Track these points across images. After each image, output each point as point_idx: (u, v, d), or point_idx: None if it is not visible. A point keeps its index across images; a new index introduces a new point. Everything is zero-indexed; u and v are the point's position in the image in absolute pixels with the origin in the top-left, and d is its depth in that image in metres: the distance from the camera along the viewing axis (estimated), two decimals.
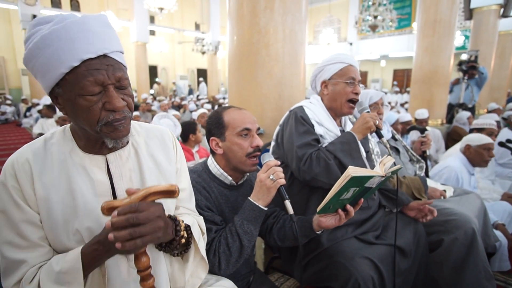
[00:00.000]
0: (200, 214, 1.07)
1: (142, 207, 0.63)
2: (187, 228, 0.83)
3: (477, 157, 2.26)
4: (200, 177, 1.15)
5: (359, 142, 1.33)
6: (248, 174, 1.25)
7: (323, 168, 1.29)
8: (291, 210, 1.02)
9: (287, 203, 1.02)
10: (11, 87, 13.40)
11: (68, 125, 0.81)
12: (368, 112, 1.40)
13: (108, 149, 0.78)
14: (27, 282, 0.70)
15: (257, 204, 1.06)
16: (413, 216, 1.51)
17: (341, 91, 1.44)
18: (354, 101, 1.44)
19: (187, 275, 0.86)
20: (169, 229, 0.72)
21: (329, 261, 1.29)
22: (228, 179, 1.18)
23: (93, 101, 0.68)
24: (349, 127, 1.53)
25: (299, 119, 1.40)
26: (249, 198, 1.08)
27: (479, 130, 2.83)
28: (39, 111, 7.05)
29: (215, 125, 1.15)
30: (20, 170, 0.72)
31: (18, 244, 0.71)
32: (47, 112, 5.34)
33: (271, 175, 1.03)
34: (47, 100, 7.67)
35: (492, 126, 2.82)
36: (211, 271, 1.08)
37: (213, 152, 1.20)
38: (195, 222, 0.90)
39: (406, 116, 3.39)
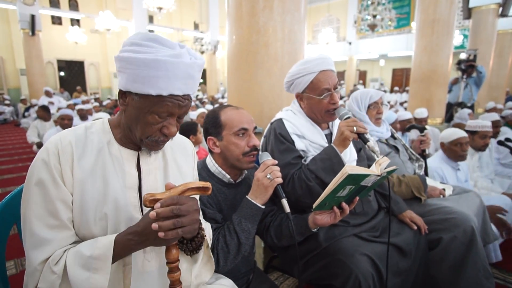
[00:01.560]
0: (202, 210, 1.10)
1: (182, 200, 0.70)
2: (203, 229, 0.88)
3: (452, 154, 2.29)
4: (200, 175, 1.17)
5: (341, 156, 1.23)
6: (246, 172, 1.27)
7: (305, 190, 1.24)
8: (287, 208, 1.04)
9: (284, 201, 1.04)
10: (9, 87, 13.37)
11: (106, 118, 0.87)
12: (348, 117, 1.26)
13: (140, 147, 0.85)
14: (53, 263, 0.71)
15: (254, 202, 1.07)
16: (407, 222, 1.51)
17: (317, 105, 1.33)
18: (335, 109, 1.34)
19: (194, 275, 0.88)
20: (199, 224, 0.76)
21: (329, 259, 1.29)
22: (226, 177, 1.19)
23: (157, 122, 0.76)
24: (337, 126, 1.41)
25: (278, 136, 1.33)
26: (246, 196, 1.09)
27: (472, 132, 2.79)
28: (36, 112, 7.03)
29: (212, 125, 1.16)
30: (64, 151, 0.75)
31: (49, 222, 0.74)
32: (44, 114, 5.24)
33: (268, 174, 1.05)
34: (44, 101, 7.67)
35: (486, 129, 2.76)
36: None
37: (211, 151, 1.21)
38: (208, 226, 0.96)
39: (406, 114, 3.38)
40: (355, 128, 1.19)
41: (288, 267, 1.50)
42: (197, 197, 1.01)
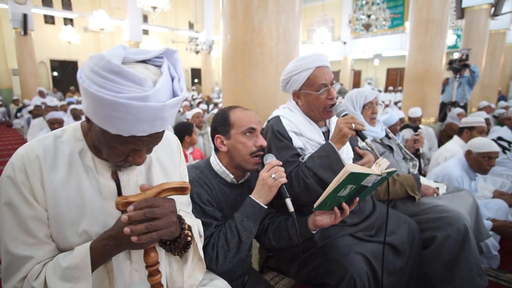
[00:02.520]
0: (202, 208, 1.10)
1: (157, 202, 0.66)
2: (189, 227, 0.84)
3: (476, 165, 2.16)
4: (203, 173, 1.17)
5: (339, 153, 1.23)
6: (249, 174, 1.27)
7: (303, 188, 1.24)
8: (291, 208, 1.05)
9: (288, 201, 1.05)
10: (1, 87, 13.19)
11: (79, 123, 0.80)
12: (345, 114, 1.27)
13: None
14: (32, 278, 0.68)
15: (258, 201, 1.08)
16: None
17: (315, 102, 1.33)
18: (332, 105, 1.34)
19: (185, 275, 0.86)
20: (177, 225, 0.73)
21: (324, 258, 1.30)
22: (229, 176, 1.19)
23: (121, 153, 0.70)
24: (334, 123, 1.43)
25: (276, 133, 1.34)
26: (250, 195, 1.10)
27: (470, 128, 2.84)
28: (29, 112, 6.94)
29: (221, 123, 1.17)
30: (31, 166, 0.70)
31: (25, 240, 0.70)
32: (40, 111, 5.12)
33: (273, 174, 1.06)
34: (37, 100, 7.58)
35: (482, 124, 2.82)
36: (208, 266, 1.09)
37: (216, 150, 1.21)
38: (195, 224, 0.91)
39: (398, 114, 3.40)
40: (353, 125, 1.19)
41: (283, 267, 1.50)
42: (186, 196, 0.98)
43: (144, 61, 0.66)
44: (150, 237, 0.64)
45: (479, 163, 2.14)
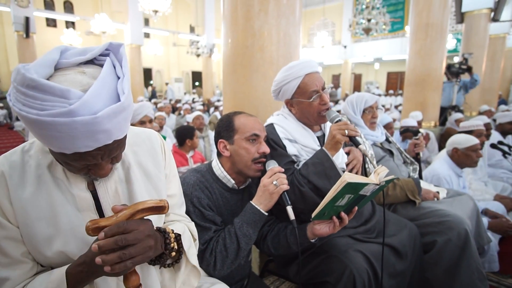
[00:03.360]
0: (201, 212, 1.08)
1: (130, 227, 0.60)
2: (178, 238, 0.79)
3: (466, 160, 2.25)
4: (204, 177, 1.17)
5: (333, 160, 1.21)
6: (249, 180, 1.27)
7: (298, 196, 1.22)
8: (292, 216, 1.04)
9: (289, 209, 1.05)
10: (3, 90, 13.23)
11: None
12: (338, 120, 1.25)
13: None
14: None
15: (258, 208, 1.08)
16: None
17: (308, 109, 1.32)
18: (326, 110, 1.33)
19: (178, 284, 0.82)
20: (158, 244, 0.68)
21: (323, 257, 1.30)
22: (230, 182, 1.19)
23: (79, 168, 0.64)
24: (329, 127, 1.39)
25: (269, 142, 1.32)
26: (251, 202, 1.10)
27: (468, 132, 2.85)
28: None
29: (225, 128, 1.18)
30: None
31: (0, 261, 0.66)
32: None
33: (274, 180, 1.06)
34: None
35: (480, 127, 2.84)
36: (206, 272, 1.08)
37: (219, 154, 1.21)
38: (186, 229, 0.86)
39: (385, 118, 3.17)
40: (346, 131, 1.18)
41: (283, 270, 1.50)
42: (179, 195, 0.92)
43: (89, 62, 0.61)
44: (124, 266, 0.58)
45: (469, 157, 2.23)
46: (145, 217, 0.65)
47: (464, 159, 2.26)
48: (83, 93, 0.53)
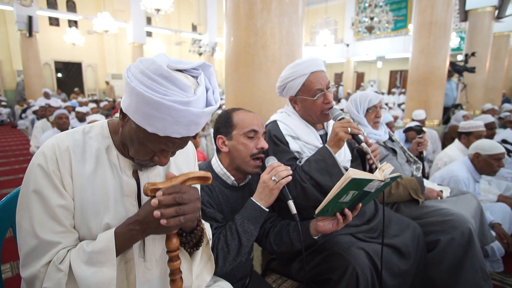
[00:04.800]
0: (202, 210, 1.10)
1: (184, 189, 0.70)
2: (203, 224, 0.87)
3: (486, 167, 2.15)
4: None
5: (335, 157, 1.23)
6: (249, 177, 1.27)
7: (300, 192, 1.24)
8: (294, 210, 1.04)
9: (290, 203, 1.05)
10: (6, 89, 13.29)
11: (106, 121, 0.84)
12: (341, 118, 1.27)
13: None
14: (58, 262, 0.70)
15: (259, 204, 1.08)
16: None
17: (312, 107, 1.33)
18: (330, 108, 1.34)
19: (194, 275, 0.87)
20: (200, 213, 0.77)
21: (326, 254, 1.30)
22: (230, 179, 1.19)
23: (150, 151, 0.73)
24: (331, 126, 1.39)
25: (272, 138, 1.34)
26: (251, 198, 1.10)
27: (467, 133, 2.79)
28: (34, 112, 6.98)
29: (224, 124, 1.18)
30: (62, 156, 0.73)
31: (53, 228, 0.72)
32: (45, 112, 5.15)
33: (273, 176, 1.06)
34: (42, 101, 7.63)
35: (480, 129, 2.77)
36: None
37: (218, 151, 1.22)
38: (207, 225, 0.94)
39: (387, 117, 3.16)
40: (349, 129, 1.19)
41: (285, 268, 1.50)
42: (198, 186, 1.00)
43: (181, 70, 0.70)
44: (178, 221, 0.67)
45: (489, 165, 2.13)
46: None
47: (484, 166, 2.16)
48: (195, 92, 0.66)
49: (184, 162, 0.95)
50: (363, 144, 1.19)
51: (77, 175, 0.74)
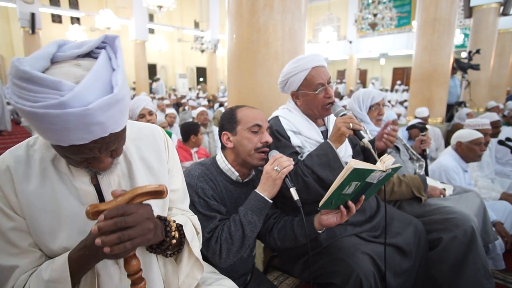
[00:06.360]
0: (206, 202, 1.10)
1: (130, 210, 0.60)
2: (179, 228, 0.80)
3: (470, 153, 2.27)
4: (208, 170, 1.19)
5: (337, 152, 1.24)
6: (253, 173, 1.28)
7: (302, 186, 1.24)
8: (296, 196, 1.05)
9: (293, 190, 1.06)
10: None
11: None
12: (343, 114, 1.28)
13: None
14: None
15: (262, 195, 1.09)
16: (380, 143, 1.44)
17: (313, 101, 1.35)
18: (331, 103, 1.35)
19: (182, 277, 0.83)
20: (158, 230, 0.69)
21: (329, 258, 1.29)
22: (234, 174, 1.21)
23: (78, 161, 0.65)
24: (332, 122, 1.43)
25: (274, 133, 1.34)
26: (255, 190, 1.11)
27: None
28: None
29: (228, 120, 1.20)
30: (2, 178, 0.68)
31: (9, 251, 0.69)
32: None
33: (276, 166, 1.07)
34: None
35: (485, 127, 2.75)
36: (211, 260, 1.09)
37: (223, 147, 1.23)
38: (188, 221, 0.87)
39: (390, 115, 3.14)
40: (351, 125, 1.21)
41: (287, 267, 1.50)
42: (156, 202, 0.86)
43: (88, 55, 0.61)
44: (123, 247, 0.58)
45: (472, 151, 2.26)
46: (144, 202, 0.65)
47: (467, 152, 2.28)
48: (76, 85, 0.54)
49: (153, 154, 0.85)
50: (364, 140, 1.20)
51: (22, 194, 0.68)
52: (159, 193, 0.64)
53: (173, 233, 0.75)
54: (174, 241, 0.76)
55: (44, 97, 0.52)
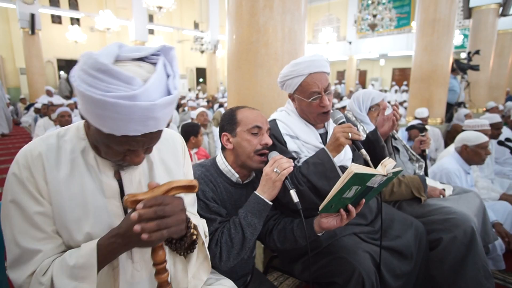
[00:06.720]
0: (206, 204, 1.10)
1: (166, 200, 0.65)
2: (195, 226, 0.84)
3: (475, 157, 2.24)
4: (208, 172, 1.18)
5: (334, 161, 1.20)
6: (253, 175, 1.27)
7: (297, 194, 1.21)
8: (296, 198, 1.04)
9: (293, 192, 1.05)
10: (9, 86, 13.35)
11: (82, 122, 0.79)
12: (342, 122, 1.25)
13: None
14: (40, 274, 0.69)
15: (262, 197, 1.08)
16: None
17: (308, 108, 1.31)
18: (326, 112, 1.31)
19: (190, 276, 0.85)
20: (185, 223, 0.73)
21: (331, 257, 1.29)
22: (234, 176, 1.20)
23: (118, 152, 0.70)
24: (333, 124, 1.38)
25: (270, 137, 1.30)
26: (255, 192, 1.10)
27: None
28: (36, 110, 7.00)
29: (228, 121, 1.19)
30: (34, 163, 0.71)
31: (34, 235, 0.71)
32: (47, 110, 5.16)
33: (275, 168, 1.05)
34: (44, 99, 7.66)
35: (484, 127, 2.76)
36: (211, 263, 1.09)
37: (223, 149, 1.22)
38: (200, 224, 0.91)
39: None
40: (350, 135, 1.17)
41: (287, 267, 1.50)
42: (192, 195, 0.98)
43: (141, 59, 0.66)
44: (160, 235, 0.63)
45: (478, 155, 2.23)
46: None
47: (473, 156, 2.25)
48: (144, 83, 0.60)
49: (172, 157, 0.90)
50: (363, 151, 1.18)
51: (52, 181, 0.71)
52: (192, 188, 0.71)
53: (192, 230, 0.80)
54: (194, 236, 0.81)
55: (116, 88, 0.58)
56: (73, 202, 0.73)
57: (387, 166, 1.01)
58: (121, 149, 0.68)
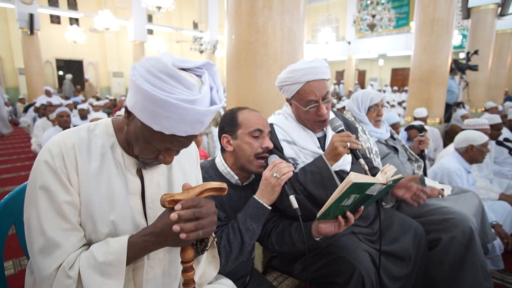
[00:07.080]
0: None
1: (202, 202, 0.70)
2: None
3: (479, 156, 2.27)
4: (207, 173, 1.18)
5: (331, 170, 1.19)
6: (253, 177, 1.27)
7: None
8: (295, 205, 1.03)
9: (292, 198, 1.04)
10: (8, 86, 13.32)
11: (110, 120, 0.83)
12: (341, 130, 1.22)
13: None
14: (68, 267, 0.70)
15: (261, 202, 1.07)
16: (401, 195, 1.41)
17: (304, 115, 1.29)
18: (323, 120, 1.29)
19: (197, 276, 0.88)
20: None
21: (331, 257, 1.29)
22: (234, 178, 1.19)
23: (154, 150, 0.73)
24: (331, 131, 1.35)
25: None
26: (253, 196, 1.09)
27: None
28: (35, 110, 6.99)
29: (229, 123, 1.18)
30: (68, 153, 0.73)
31: (60, 225, 0.72)
32: (45, 111, 5.16)
33: (275, 172, 1.05)
34: (42, 100, 7.65)
35: (484, 127, 2.77)
36: None
37: (223, 150, 1.21)
38: None
39: (392, 118, 3.10)
40: (348, 144, 1.15)
41: (286, 267, 1.50)
42: None
43: (186, 69, 0.70)
44: (197, 235, 0.67)
45: (482, 154, 2.27)
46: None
47: (478, 155, 2.27)
48: (200, 90, 0.67)
49: (187, 161, 0.95)
50: (361, 160, 1.15)
51: (83, 172, 0.74)
52: (222, 190, 0.75)
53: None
54: (216, 239, 0.86)
55: (178, 91, 0.64)
56: (101, 195, 0.75)
57: (387, 173, 1.00)
58: (161, 147, 0.72)
